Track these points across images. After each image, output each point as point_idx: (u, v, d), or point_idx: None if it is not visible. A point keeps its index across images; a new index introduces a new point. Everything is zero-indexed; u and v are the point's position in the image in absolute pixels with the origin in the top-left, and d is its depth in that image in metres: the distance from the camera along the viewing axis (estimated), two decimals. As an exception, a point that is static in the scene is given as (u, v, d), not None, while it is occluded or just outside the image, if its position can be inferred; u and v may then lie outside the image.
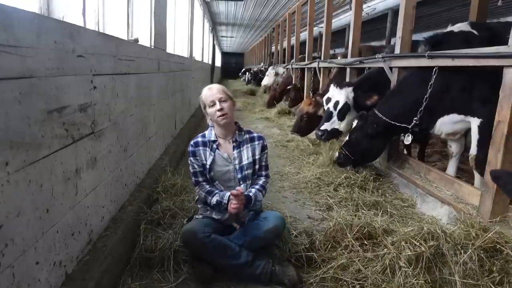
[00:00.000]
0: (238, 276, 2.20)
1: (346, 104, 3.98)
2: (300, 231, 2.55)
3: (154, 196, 3.08)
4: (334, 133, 4.14)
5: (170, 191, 3.13)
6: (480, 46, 2.75)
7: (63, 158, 1.68)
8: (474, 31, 3.39)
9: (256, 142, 2.46)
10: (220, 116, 2.28)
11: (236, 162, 2.39)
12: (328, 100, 4.18)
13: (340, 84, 4.13)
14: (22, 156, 1.35)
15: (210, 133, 2.43)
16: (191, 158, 2.40)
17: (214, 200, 2.31)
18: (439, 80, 3.20)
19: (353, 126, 3.85)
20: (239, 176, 2.39)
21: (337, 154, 3.87)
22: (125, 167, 2.71)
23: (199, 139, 2.43)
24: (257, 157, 2.44)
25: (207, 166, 2.38)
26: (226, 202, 2.26)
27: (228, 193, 2.28)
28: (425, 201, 3.25)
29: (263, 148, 2.49)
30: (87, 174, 1.96)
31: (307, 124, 5.61)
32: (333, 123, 4.07)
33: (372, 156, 3.88)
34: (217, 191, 2.35)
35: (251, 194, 2.32)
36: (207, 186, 2.39)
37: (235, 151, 2.40)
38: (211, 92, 2.34)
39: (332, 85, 4.23)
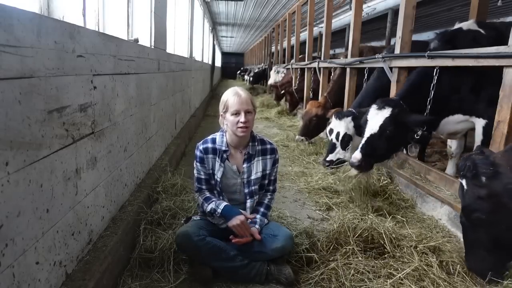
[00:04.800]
0: (232, 277, 2.19)
1: (346, 135, 4.15)
2: (300, 231, 2.55)
3: (154, 196, 3.08)
4: (340, 162, 4.28)
5: (170, 191, 3.13)
6: (487, 46, 2.71)
7: (63, 158, 1.68)
8: (481, 30, 3.38)
9: (268, 156, 2.36)
10: (241, 128, 2.17)
11: (245, 176, 2.31)
12: (331, 131, 4.36)
13: (340, 115, 4.30)
14: (22, 156, 1.35)
15: (222, 141, 2.30)
16: (198, 164, 2.32)
17: (209, 207, 2.25)
18: (445, 81, 3.19)
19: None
20: (246, 190, 2.33)
21: None
22: (125, 167, 2.71)
23: (209, 145, 2.31)
24: (267, 171, 2.37)
25: (217, 179, 2.30)
26: (220, 212, 2.21)
27: (224, 203, 2.24)
28: (425, 201, 3.25)
29: (275, 162, 2.40)
30: (87, 174, 1.96)
31: (316, 127, 5.62)
32: (338, 153, 4.25)
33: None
34: (214, 198, 2.29)
35: (256, 226, 2.26)
36: (207, 193, 2.34)
37: (245, 165, 2.31)
38: (239, 100, 2.16)
39: (333, 117, 4.42)
